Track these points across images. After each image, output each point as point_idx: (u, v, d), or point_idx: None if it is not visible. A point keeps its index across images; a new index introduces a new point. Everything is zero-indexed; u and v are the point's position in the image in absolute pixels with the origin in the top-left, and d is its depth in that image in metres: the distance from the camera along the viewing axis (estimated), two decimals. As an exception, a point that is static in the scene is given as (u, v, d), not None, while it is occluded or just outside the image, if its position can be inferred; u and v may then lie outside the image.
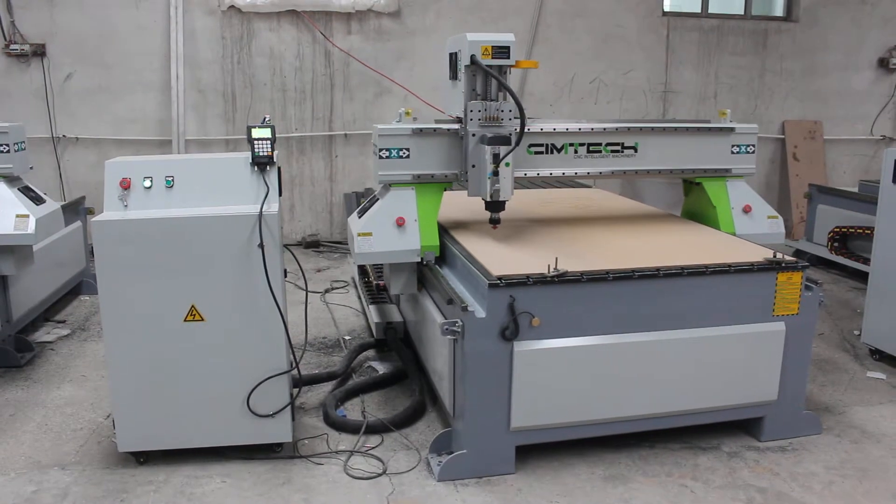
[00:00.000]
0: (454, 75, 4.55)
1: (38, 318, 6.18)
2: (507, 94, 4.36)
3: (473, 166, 4.49)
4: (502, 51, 4.29)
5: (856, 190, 8.07)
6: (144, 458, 4.02)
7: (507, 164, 4.36)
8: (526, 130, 4.37)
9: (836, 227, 7.85)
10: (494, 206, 4.53)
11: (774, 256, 4.15)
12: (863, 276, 6.47)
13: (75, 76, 8.52)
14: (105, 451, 4.15)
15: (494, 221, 4.58)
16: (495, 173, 4.34)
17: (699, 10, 10.17)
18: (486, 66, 4.27)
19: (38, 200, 5.27)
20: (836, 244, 7.88)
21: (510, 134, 4.37)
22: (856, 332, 6.12)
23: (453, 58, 4.54)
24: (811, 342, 4.34)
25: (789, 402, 4.30)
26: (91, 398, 4.85)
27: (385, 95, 9.23)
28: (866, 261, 6.56)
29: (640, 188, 8.01)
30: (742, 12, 10.31)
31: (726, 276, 4.03)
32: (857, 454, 4.25)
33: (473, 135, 4.44)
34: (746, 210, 5.04)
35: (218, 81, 8.85)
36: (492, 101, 4.42)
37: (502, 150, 4.31)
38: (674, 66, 10.04)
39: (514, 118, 4.37)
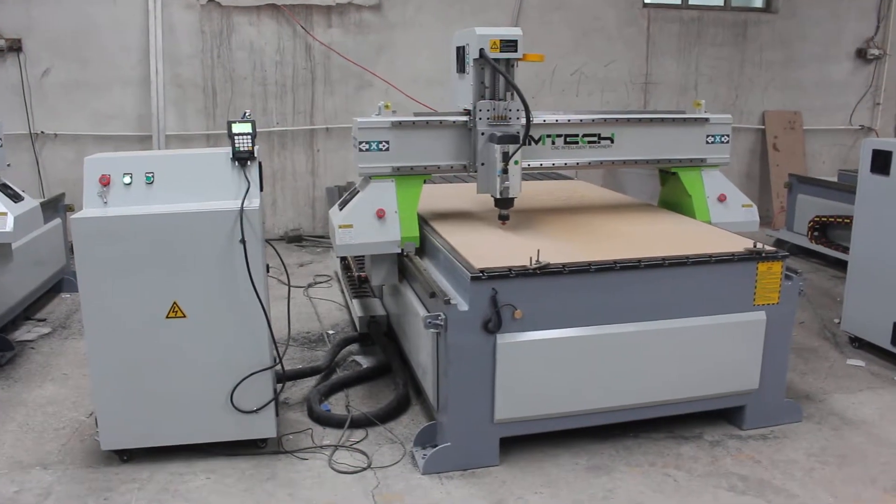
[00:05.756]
0: (462, 69, 4.64)
1: (19, 316, 6.11)
2: (514, 92, 4.44)
3: (483, 164, 4.61)
4: (510, 44, 4.41)
5: (835, 180, 8.14)
6: (128, 456, 4.00)
7: (517, 162, 4.47)
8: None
9: (816, 217, 7.92)
10: (504, 202, 4.63)
11: (755, 246, 4.18)
12: (843, 265, 6.53)
13: (53, 71, 8.42)
14: (88, 450, 4.13)
15: (504, 218, 4.68)
16: (505, 171, 4.46)
17: (679, 2, 10.20)
18: (494, 59, 4.38)
19: (16, 198, 5.21)
20: (816, 233, 7.95)
21: (518, 132, 4.47)
22: (836, 321, 6.18)
23: (461, 51, 4.62)
24: (791, 331, 4.38)
25: (770, 390, 4.34)
26: (73, 397, 4.81)
27: (366, 89, 9.20)
28: (846, 250, 6.62)
29: (621, 180, 8.03)
30: (722, 3, 10.36)
31: (707, 266, 4.06)
32: (837, 441, 4.30)
33: (483, 133, 4.55)
34: (721, 199, 5.13)
35: (198, 76, 8.79)
36: (500, 100, 4.55)
37: (511, 148, 4.42)
38: (654, 58, 10.07)
39: (522, 116, 4.46)
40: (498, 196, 4.57)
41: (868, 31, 10.70)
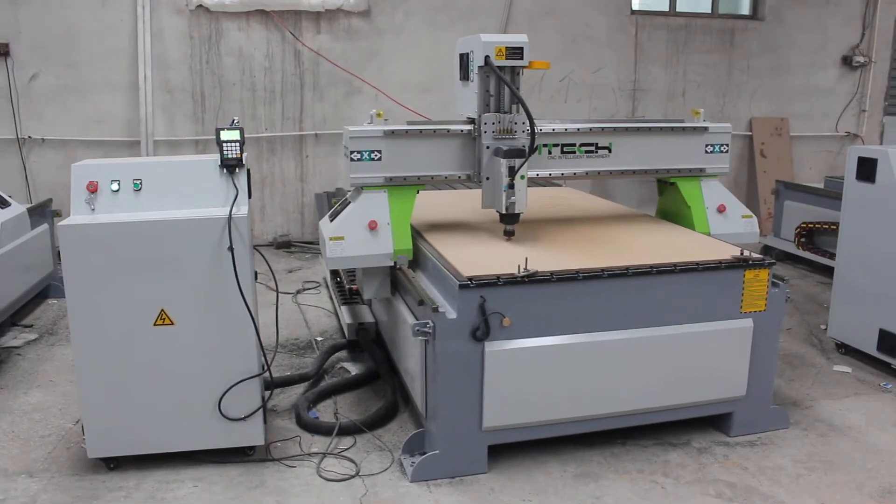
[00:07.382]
0: (465, 76, 4.53)
1: (5, 322, 6.07)
2: (520, 103, 4.34)
3: (488, 179, 4.49)
4: (516, 52, 4.29)
5: (822, 186, 8.20)
6: (115, 464, 3.98)
7: (523, 177, 4.36)
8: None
9: (803, 223, 7.97)
10: (509, 218, 4.51)
11: (742, 254, 4.20)
12: (829, 271, 6.57)
13: (41, 76, 8.38)
14: (74, 458, 4.11)
15: (509, 234, 4.57)
16: (511, 186, 4.35)
17: (667, 9, 10.26)
18: (499, 67, 4.27)
19: (2, 203, 5.20)
20: (802, 240, 8.00)
21: (524, 146, 4.36)
22: (822, 327, 6.22)
23: (464, 59, 4.51)
24: (778, 338, 4.40)
25: (757, 397, 4.36)
26: (60, 403, 4.79)
27: (355, 95, 9.20)
28: (832, 256, 6.66)
29: (610, 186, 8.05)
30: (709, 11, 10.42)
31: (694, 274, 4.08)
32: (824, 447, 4.32)
33: (487, 147, 4.44)
34: (721, 209, 5.03)
35: (186, 81, 8.77)
36: (505, 113, 4.43)
37: (517, 162, 4.32)
38: (642, 65, 10.12)
39: (528, 130, 4.35)
40: (504, 211, 4.44)
41: (853, 39, 10.78)
